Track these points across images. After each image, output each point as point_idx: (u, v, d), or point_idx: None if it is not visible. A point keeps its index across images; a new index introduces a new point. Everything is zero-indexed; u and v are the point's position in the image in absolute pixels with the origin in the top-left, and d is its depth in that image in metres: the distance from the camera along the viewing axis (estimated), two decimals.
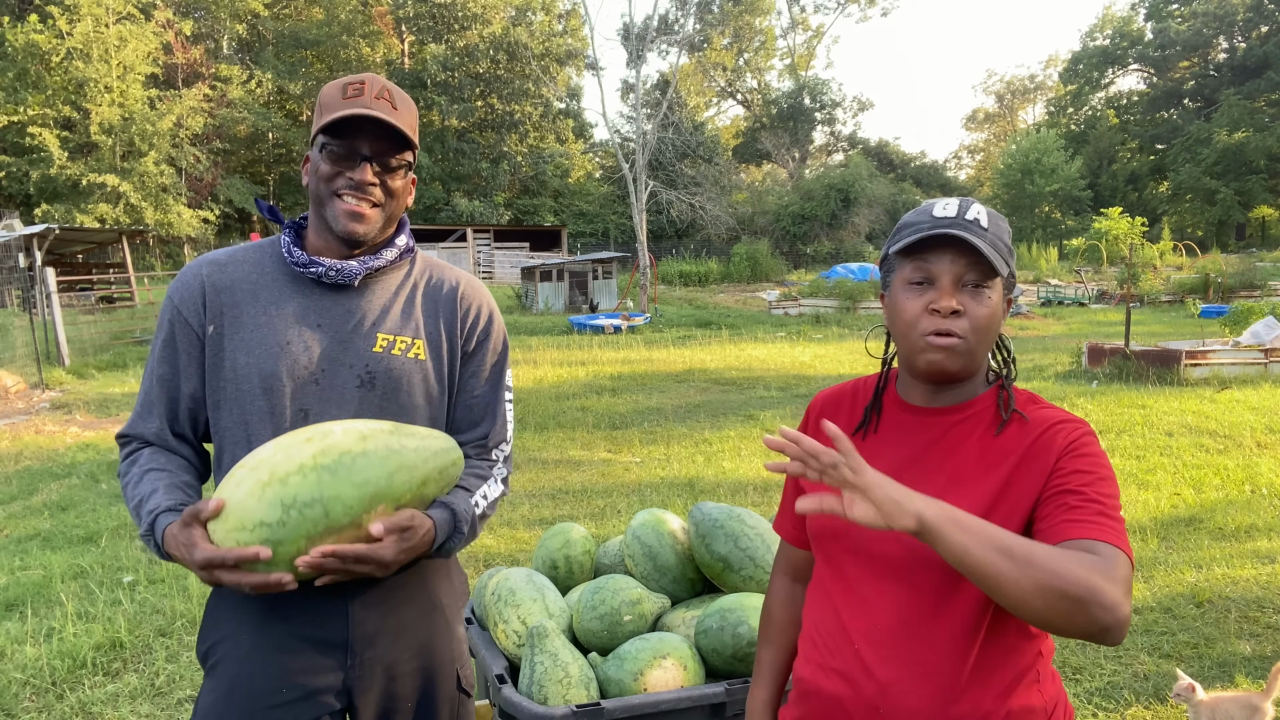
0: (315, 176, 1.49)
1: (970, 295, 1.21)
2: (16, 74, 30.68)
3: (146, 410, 1.52)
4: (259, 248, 1.58)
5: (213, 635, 1.52)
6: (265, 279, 1.53)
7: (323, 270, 1.50)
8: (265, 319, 1.49)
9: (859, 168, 43.97)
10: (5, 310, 19.78)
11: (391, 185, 1.50)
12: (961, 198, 1.26)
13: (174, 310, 1.51)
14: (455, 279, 1.64)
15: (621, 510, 5.78)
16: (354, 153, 1.45)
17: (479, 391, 1.63)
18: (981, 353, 1.24)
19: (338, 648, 1.48)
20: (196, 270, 1.53)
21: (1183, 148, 45.93)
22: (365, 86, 1.45)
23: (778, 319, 22.98)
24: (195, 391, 1.51)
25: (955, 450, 1.26)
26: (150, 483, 1.44)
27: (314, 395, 1.48)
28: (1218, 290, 24.01)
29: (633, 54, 30.73)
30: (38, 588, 4.60)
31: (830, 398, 1.44)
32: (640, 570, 2.33)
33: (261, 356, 1.47)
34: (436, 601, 1.59)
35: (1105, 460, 1.20)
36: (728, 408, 9.56)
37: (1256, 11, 45.97)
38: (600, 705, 1.86)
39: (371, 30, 43.26)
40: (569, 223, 43.04)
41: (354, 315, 1.52)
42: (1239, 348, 11.05)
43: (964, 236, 1.18)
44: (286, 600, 1.44)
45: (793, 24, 59.50)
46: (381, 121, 1.44)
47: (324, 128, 1.45)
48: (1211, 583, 4.36)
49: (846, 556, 1.30)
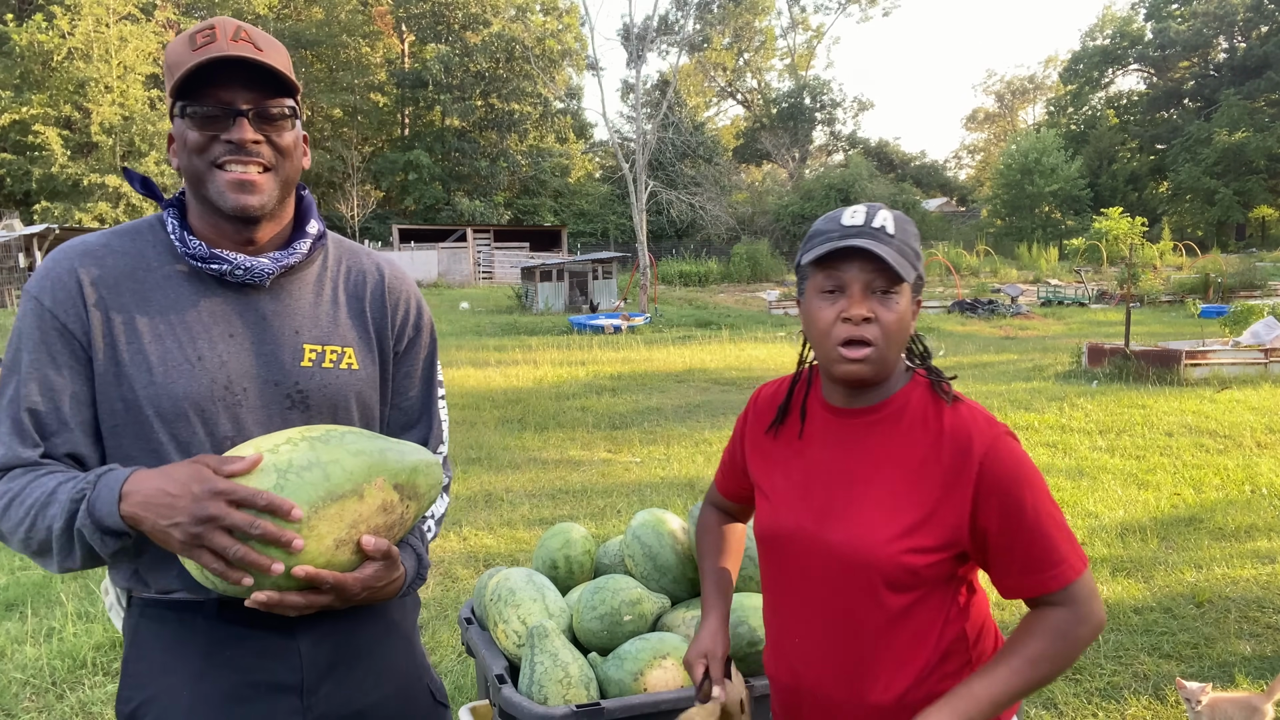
0: (186, 151, 1.22)
1: (879, 301, 1.25)
2: (20, 73, 30.71)
3: (17, 440, 1.19)
4: (134, 233, 1.29)
5: (140, 692, 1.26)
6: (154, 275, 1.25)
7: (227, 268, 1.24)
8: (165, 327, 1.23)
9: (859, 168, 43.99)
10: (5, 310, 19.77)
11: (279, 142, 1.24)
12: (870, 204, 1.30)
13: (44, 314, 1.21)
14: (377, 268, 1.43)
15: (621, 510, 5.78)
16: (225, 110, 1.20)
17: (413, 393, 1.47)
18: (894, 356, 1.29)
19: (291, 690, 1.27)
20: (67, 263, 1.23)
21: (1183, 148, 45.90)
22: (217, 30, 1.19)
23: (778, 319, 22.97)
24: (83, 415, 1.22)
25: (876, 451, 1.32)
26: (50, 480, 1.16)
27: (236, 420, 1.24)
28: (1218, 290, 23.99)
29: (633, 54, 30.71)
30: (38, 588, 4.60)
31: (772, 392, 1.50)
32: (640, 570, 2.33)
33: (169, 375, 1.21)
34: (390, 620, 1.42)
35: (1028, 465, 1.27)
36: (728, 408, 9.56)
37: (1256, 11, 45.94)
38: (600, 705, 1.86)
39: (371, 30, 43.30)
40: (569, 223, 43.06)
41: (271, 322, 1.29)
42: (1239, 348, 11.05)
43: (870, 247, 1.22)
44: (226, 644, 1.25)
45: (793, 24, 59.53)
46: (246, 61, 1.18)
47: (179, 89, 1.18)
48: (1211, 583, 4.35)
49: (782, 563, 1.39)
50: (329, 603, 1.16)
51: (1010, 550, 1.25)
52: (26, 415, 1.19)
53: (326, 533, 1.12)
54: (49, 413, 1.20)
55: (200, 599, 1.26)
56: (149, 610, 1.29)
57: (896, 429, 1.32)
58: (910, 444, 1.30)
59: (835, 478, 1.34)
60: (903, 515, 1.27)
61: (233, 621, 1.25)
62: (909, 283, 1.27)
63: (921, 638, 1.30)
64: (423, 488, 1.27)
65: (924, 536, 1.26)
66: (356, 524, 1.16)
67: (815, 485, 1.35)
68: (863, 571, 1.27)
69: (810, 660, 1.36)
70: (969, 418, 1.29)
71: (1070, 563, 1.25)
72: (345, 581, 1.15)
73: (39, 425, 1.20)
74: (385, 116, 46.55)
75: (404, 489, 1.23)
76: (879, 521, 1.28)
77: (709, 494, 1.71)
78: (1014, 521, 1.24)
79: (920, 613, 1.29)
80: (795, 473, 1.39)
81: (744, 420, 1.53)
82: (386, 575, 1.22)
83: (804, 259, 1.30)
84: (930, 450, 1.28)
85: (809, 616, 1.35)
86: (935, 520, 1.26)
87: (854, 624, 1.30)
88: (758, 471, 1.47)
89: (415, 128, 45.86)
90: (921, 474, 1.28)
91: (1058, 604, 1.26)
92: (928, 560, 1.26)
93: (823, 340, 1.28)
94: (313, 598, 1.14)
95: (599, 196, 46.39)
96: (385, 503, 1.19)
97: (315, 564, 1.11)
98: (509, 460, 7.26)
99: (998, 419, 1.32)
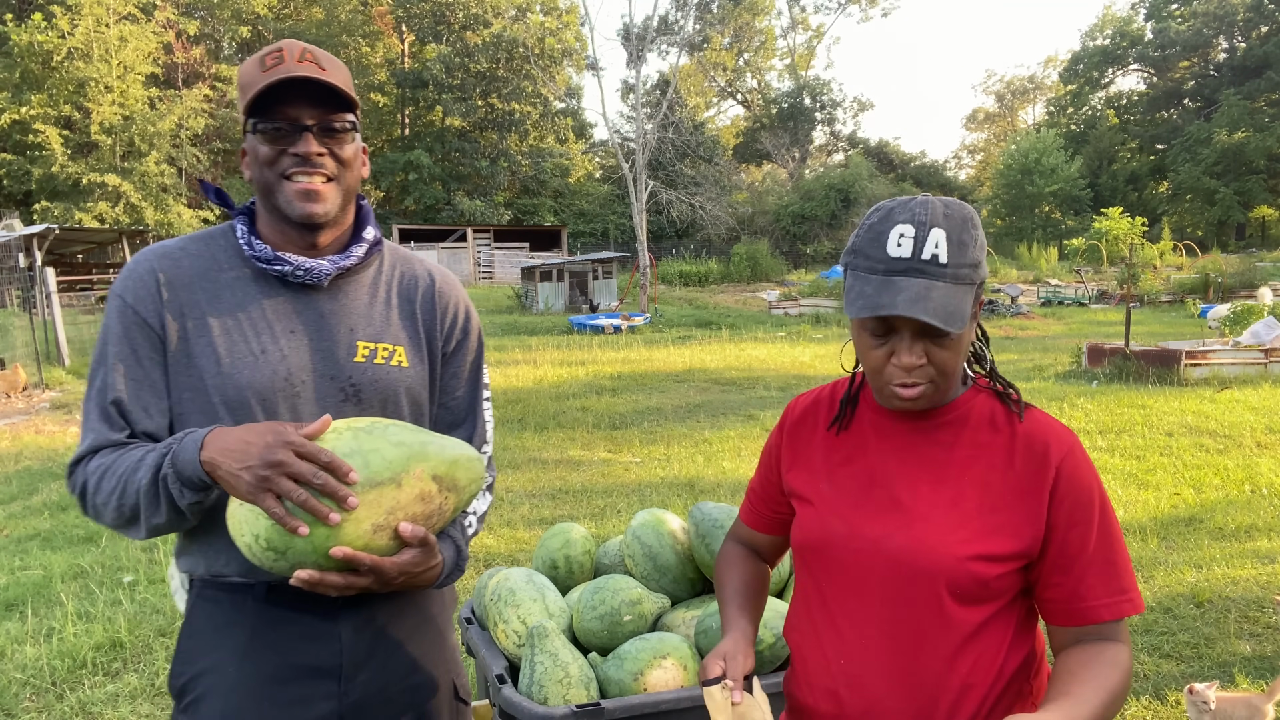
0: (257, 164, 1.34)
1: (933, 342, 1.15)
2: (20, 73, 30.72)
3: (105, 426, 1.32)
4: (209, 239, 1.42)
5: (191, 667, 1.38)
6: (225, 276, 1.37)
7: (289, 269, 1.36)
8: (233, 322, 1.34)
9: (859, 168, 43.99)
10: (5, 310, 19.78)
11: (341, 154, 1.36)
12: (918, 220, 1.13)
13: (128, 311, 1.34)
14: (429, 274, 1.53)
15: (621, 510, 5.78)
16: (292, 125, 1.32)
17: (459, 393, 1.54)
18: (951, 383, 1.20)
19: (330, 675, 1.36)
20: (148, 264, 1.37)
21: (1183, 148, 45.89)
22: (284, 53, 1.31)
23: (778, 319, 22.97)
24: (161, 403, 1.34)
25: (939, 456, 1.23)
26: (138, 451, 1.27)
27: (294, 410, 1.35)
28: (1218, 290, 24.00)
29: (633, 54, 30.72)
30: (38, 588, 4.60)
31: (809, 402, 1.41)
32: (640, 570, 2.33)
33: (235, 366, 1.32)
34: (427, 614, 1.50)
35: (1096, 480, 1.20)
36: (728, 408, 9.56)
37: (1256, 11, 45.92)
38: (600, 705, 1.86)
39: (371, 30, 43.30)
40: (569, 223, 43.06)
41: (329, 320, 1.39)
42: (1239, 348, 11.05)
43: (920, 318, 1.09)
44: (272, 627, 1.35)
45: (793, 24, 59.52)
46: (312, 81, 1.30)
47: (252, 107, 1.31)
48: (1211, 583, 4.35)
49: (832, 572, 1.26)
50: (367, 585, 1.22)
51: (1071, 566, 1.17)
52: (112, 403, 1.32)
53: (364, 517, 1.17)
54: (131, 399, 1.32)
55: (251, 582, 1.35)
56: (205, 591, 1.39)
57: (962, 433, 1.23)
58: (977, 448, 1.22)
59: (896, 482, 1.23)
60: (971, 522, 1.18)
61: (279, 605, 1.35)
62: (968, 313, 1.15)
63: (989, 661, 1.19)
64: (462, 481, 1.31)
65: (995, 544, 1.17)
66: (394, 511, 1.21)
67: (873, 489, 1.25)
68: (927, 581, 1.17)
69: (867, 684, 1.21)
70: (1044, 423, 1.21)
71: (1133, 595, 1.17)
72: (382, 565, 1.20)
73: (123, 411, 1.32)
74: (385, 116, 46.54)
75: (442, 480, 1.27)
76: (946, 527, 1.18)
77: (732, 532, 1.56)
78: (1085, 537, 1.16)
79: (989, 632, 1.19)
80: (847, 478, 1.28)
81: (777, 438, 1.43)
82: (424, 562, 1.27)
83: (847, 301, 1.17)
84: (1001, 456, 1.20)
85: (867, 635, 1.22)
86: (1007, 529, 1.17)
87: (921, 642, 1.18)
88: (799, 482, 1.35)
89: (415, 128, 45.86)
90: (990, 480, 1.19)
91: (1110, 638, 1.16)
92: (997, 571, 1.17)
93: (874, 377, 1.20)
94: (351, 579, 1.19)
95: (599, 196, 46.39)
96: (423, 492, 1.24)
97: (353, 546, 1.17)
98: (509, 460, 7.26)
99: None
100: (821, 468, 1.32)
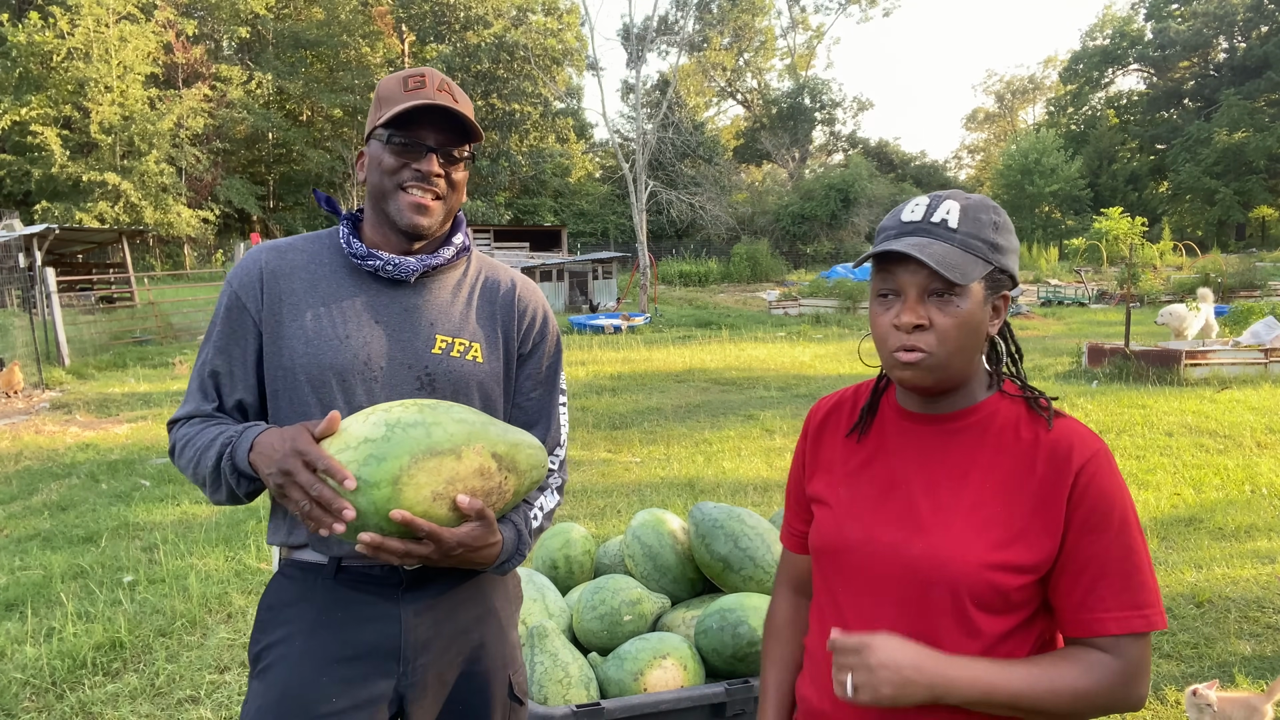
0: (378, 170, 1.46)
1: (936, 305, 1.14)
2: (19, 74, 30.71)
3: (201, 396, 1.49)
4: (317, 238, 1.57)
5: (267, 636, 1.48)
6: (324, 269, 1.51)
7: (380, 264, 1.48)
8: (324, 310, 1.47)
9: (859, 168, 43.98)
10: (5, 310, 19.77)
11: (454, 177, 1.49)
12: (935, 194, 1.19)
13: (232, 295, 1.49)
14: (511, 280, 1.63)
15: (621, 510, 5.78)
16: (419, 144, 1.44)
17: (534, 394, 1.62)
18: (959, 363, 1.17)
19: (390, 655, 1.44)
20: (256, 256, 1.52)
21: (1183, 148, 45.90)
22: (426, 79, 1.45)
23: (778, 319, 22.97)
24: (249, 379, 1.49)
25: (961, 460, 1.21)
26: (214, 429, 1.42)
27: (370, 392, 1.45)
28: (1218, 290, 23.99)
29: (633, 54, 30.73)
30: (38, 588, 4.60)
31: (830, 406, 1.39)
32: (640, 570, 2.33)
33: (320, 348, 1.44)
34: (491, 606, 1.56)
35: (1126, 489, 1.17)
36: (728, 408, 9.56)
37: (1256, 11, 45.93)
38: (600, 705, 1.86)
39: (372, 30, 43.24)
40: (569, 223, 43.05)
41: (411, 314, 1.50)
42: (1239, 348, 11.05)
43: (913, 253, 1.11)
44: (338, 606, 1.44)
45: (793, 24, 59.53)
46: (448, 111, 1.43)
47: (389, 120, 1.43)
48: (1211, 583, 4.35)
49: (847, 575, 1.25)
50: (426, 555, 1.28)
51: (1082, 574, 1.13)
52: (210, 375, 1.48)
53: (425, 483, 1.24)
54: (226, 375, 1.48)
55: (322, 561, 1.47)
56: (287, 568, 1.51)
57: (984, 438, 1.20)
58: (999, 454, 1.19)
59: (916, 486, 1.21)
60: (992, 529, 1.15)
61: (346, 585, 1.45)
62: (977, 281, 1.14)
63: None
64: (523, 465, 1.38)
65: (1013, 554, 1.14)
66: (453, 481, 1.27)
67: (892, 494, 1.23)
68: (947, 589, 1.14)
69: None
70: (1071, 429, 1.18)
71: (1149, 612, 1.12)
72: (441, 534, 1.26)
73: (217, 385, 1.48)
74: None
75: (502, 459, 1.34)
76: (967, 534, 1.15)
77: (780, 572, 1.48)
78: (1100, 545, 1.13)
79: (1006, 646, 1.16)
80: (866, 482, 1.26)
81: (801, 445, 1.40)
82: (483, 538, 1.33)
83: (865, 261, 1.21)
84: (1023, 462, 1.17)
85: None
86: (1027, 538, 1.14)
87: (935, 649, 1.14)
88: (820, 486, 1.33)
89: None
90: (1011, 487, 1.16)
91: (1110, 651, 1.13)
92: (1018, 582, 1.14)
93: (880, 346, 1.19)
94: (411, 546, 1.25)
95: (599, 196, 46.38)
96: (482, 467, 1.31)
97: (413, 512, 1.23)
98: None
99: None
100: (841, 471, 1.31)
